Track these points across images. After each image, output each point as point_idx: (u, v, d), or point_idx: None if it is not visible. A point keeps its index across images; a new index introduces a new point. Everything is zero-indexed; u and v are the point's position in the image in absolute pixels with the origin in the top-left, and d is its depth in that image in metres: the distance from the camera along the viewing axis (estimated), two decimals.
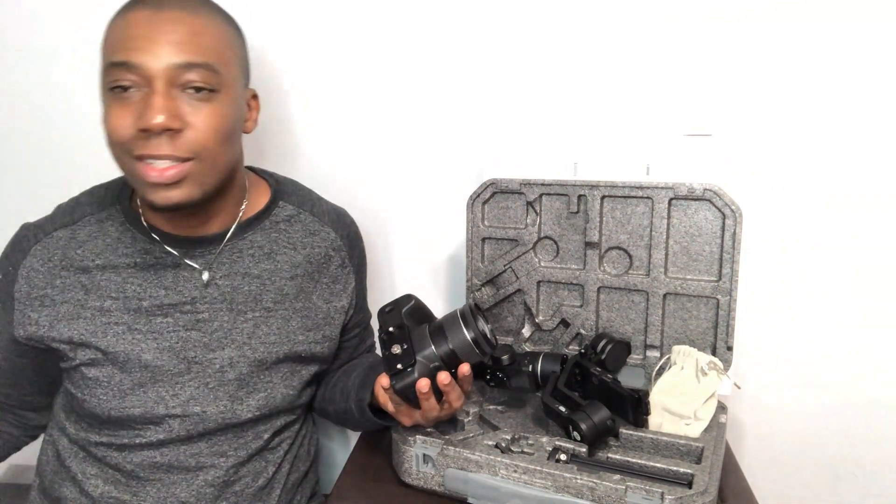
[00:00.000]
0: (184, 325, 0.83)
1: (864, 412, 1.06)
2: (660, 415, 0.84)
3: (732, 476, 0.86)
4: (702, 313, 0.91)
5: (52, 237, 0.84)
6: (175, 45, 0.74)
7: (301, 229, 0.92)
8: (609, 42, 1.02)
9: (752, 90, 0.99)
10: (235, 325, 0.86)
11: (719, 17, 0.97)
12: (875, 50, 0.94)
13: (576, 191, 0.94)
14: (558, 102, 1.06)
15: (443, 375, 0.75)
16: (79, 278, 0.83)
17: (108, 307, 0.82)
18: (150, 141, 0.74)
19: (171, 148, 0.74)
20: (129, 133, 0.74)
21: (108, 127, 0.75)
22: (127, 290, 0.83)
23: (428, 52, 1.08)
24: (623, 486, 0.70)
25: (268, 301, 0.88)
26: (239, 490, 0.88)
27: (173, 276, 0.84)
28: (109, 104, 0.75)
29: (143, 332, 0.82)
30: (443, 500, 0.80)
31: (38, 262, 0.83)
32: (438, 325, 0.78)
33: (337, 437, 1.29)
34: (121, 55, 0.73)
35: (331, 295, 0.94)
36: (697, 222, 0.90)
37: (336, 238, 0.95)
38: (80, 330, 0.82)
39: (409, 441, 0.81)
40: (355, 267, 0.98)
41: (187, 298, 0.84)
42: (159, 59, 0.73)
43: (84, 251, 0.84)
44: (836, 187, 1.00)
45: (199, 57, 0.75)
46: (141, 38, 0.73)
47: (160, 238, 0.84)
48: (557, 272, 0.98)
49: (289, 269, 0.90)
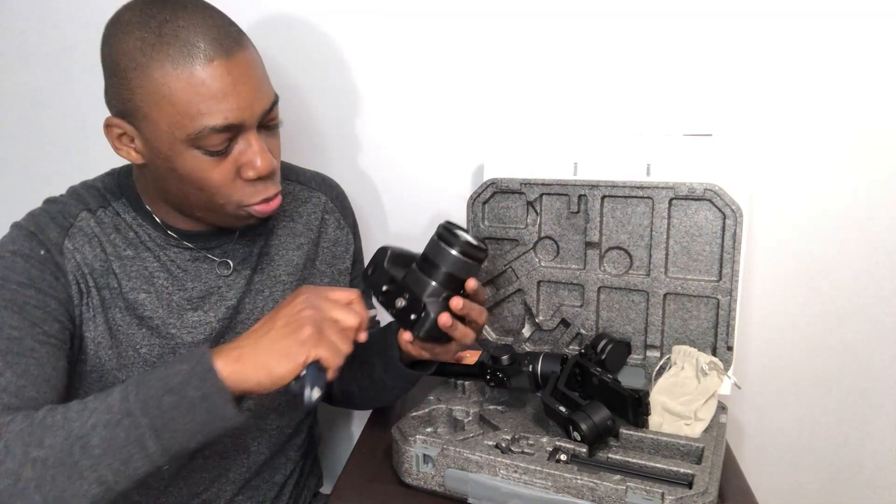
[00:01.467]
0: (214, 315, 0.83)
1: (864, 412, 1.06)
2: (660, 415, 0.84)
3: (732, 476, 0.86)
4: (702, 313, 0.91)
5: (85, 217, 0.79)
6: (257, 91, 0.73)
7: (292, 200, 0.93)
8: (609, 42, 1.02)
9: (752, 90, 0.99)
10: (256, 306, 0.87)
11: (719, 16, 0.97)
12: (875, 49, 0.94)
13: (576, 191, 0.94)
14: (558, 102, 1.06)
15: (455, 301, 0.75)
16: (112, 265, 0.79)
17: (142, 300, 0.80)
18: (258, 186, 0.75)
19: (274, 184, 0.77)
20: (233, 185, 0.74)
21: (211, 184, 0.73)
22: (156, 284, 0.81)
23: (428, 52, 1.08)
24: (623, 486, 0.70)
25: (282, 275, 0.89)
26: (256, 485, 0.90)
27: (194, 269, 0.83)
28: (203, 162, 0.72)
29: (177, 328, 0.81)
30: (443, 500, 0.80)
31: (82, 239, 0.77)
32: (424, 259, 0.77)
33: (337, 436, 1.29)
34: (217, 119, 0.69)
35: (333, 258, 0.96)
36: (698, 222, 0.90)
37: (327, 200, 0.96)
38: (118, 321, 0.78)
39: (409, 441, 0.81)
40: (351, 227, 0.99)
41: (213, 288, 0.83)
42: (253, 110, 0.72)
43: (115, 238, 0.80)
44: (836, 187, 1.00)
45: (271, 93, 0.76)
46: (231, 96, 0.70)
47: (177, 234, 0.82)
48: (557, 272, 0.98)
49: (292, 240, 0.91)
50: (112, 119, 0.73)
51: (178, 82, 0.68)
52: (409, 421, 0.86)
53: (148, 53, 0.68)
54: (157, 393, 0.62)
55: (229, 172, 0.73)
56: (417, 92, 1.10)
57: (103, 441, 0.60)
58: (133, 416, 0.60)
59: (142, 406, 0.61)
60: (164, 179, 0.75)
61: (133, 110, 0.71)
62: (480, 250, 0.77)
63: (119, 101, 0.72)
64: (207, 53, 0.68)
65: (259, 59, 0.75)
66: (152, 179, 0.78)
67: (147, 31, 0.68)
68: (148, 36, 0.68)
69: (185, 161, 0.72)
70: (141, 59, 0.68)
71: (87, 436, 0.59)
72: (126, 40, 0.69)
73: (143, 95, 0.69)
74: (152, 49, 0.68)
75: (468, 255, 0.75)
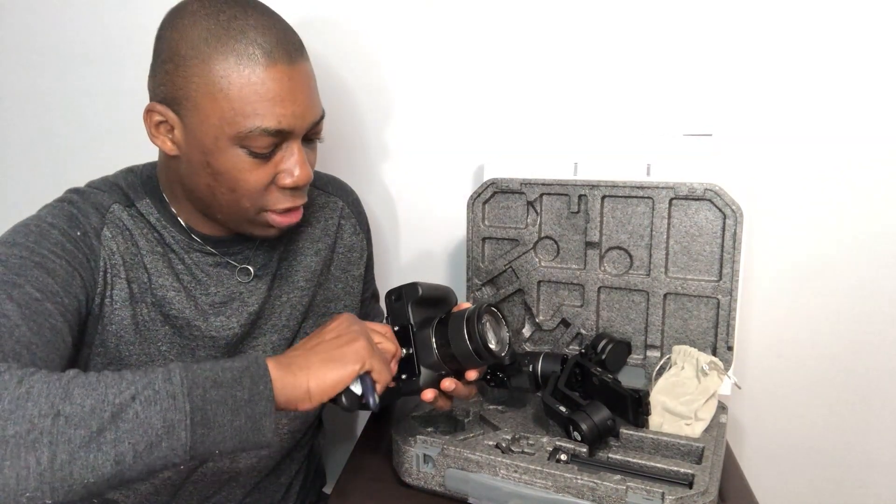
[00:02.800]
0: (237, 321, 0.83)
1: (864, 412, 1.06)
2: (660, 415, 0.84)
3: (732, 476, 0.86)
4: (702, 313, 0.91)
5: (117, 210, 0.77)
6: (311, 102, 0.73)
7: (311, 204, 0.92)
8: (609, 42, 1.02)
9: (752, 90, 0.99)
10: (275, 311, 0.86)
11: (719, 16, 0.97)
12: (875, 49, 0.94)
13: (576, 191, 0.94)
14: (558, 102, 1.06)
15: (447, 383, 0.76)
16: (143, 259, 0.78)
17: (170, 297, 0.79)
18: (288, 195, 0.75)
19: (303, 197, 0.78)
20: (265, 190, 0.74)
21: (245, 186, 0.73)
22: (184, 284, 0.80)
23: (428, 53, 1.08)
24: (624, 486, 0.70)
25: (300, 280, 0.89)
26: (263, 486, 0.90)
27: (216, 274, 0.82)
28: (244, 162, 0.72)
29: (201, 330, 0.80)
30: (443, 500, 0.80)
31: (116, 229, 0.76)
32: (443, 329, 0.76)
33: (337, 436, 1.29)
34: (270, 121, 0.70)
35: (348, 264, 0.95)
36: (698, 222, 0.90)
37: (344, 206, 0.95)
38: (145, 316, 0.78)
39: (409, 441, 0.81)
40: (365, 233, 0.98)
41: (235, 294, 0.83)
42: (305, 119, 0.72)
43: (144, 234, 0.79)
44: (836, 187, 1.00)
45: (321, 107, 0.76)
46: (287, 101, 0.70)
47: (200, 238, 0.82)
48: (558, 272, 0.98)
49: (311, 245, 0.90)
50: (156, 105, 0.73)
51: (239, 78, 0.68)
52: (410, 421, 0.86)
53: (213, 45, 0.68)
54: (205, 383, 0.57)
55: (266, 177, 0.73)
56: (417, 92, 1.10)
57: (136, 416, 0.54)
58: (175, 398, 0.55)
59: (187, 391, 0.56)
60: (194, 175, 0.74)
61: (183, 99, 0.70)
62: (491, 355, 0.76)
63: (169, 88, 0.71)
64: (273, 56, 0.69)
65: (314, 73, 0.75)
66: (182, 173, 0.76)
67: (215, 24, 0.69)
68: (216, 28, 0.68)
69: (227, 158, 0.71)
70: (205, 50, 0.68)
71: (122, 405, 0.54)
72: (192, 29, 0.69)
73: (198, 85, 0.69)
74: (218, 41, 0.68)
75: (479, 354, 0.75)
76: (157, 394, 0.55)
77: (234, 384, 0.58)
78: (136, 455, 0.54)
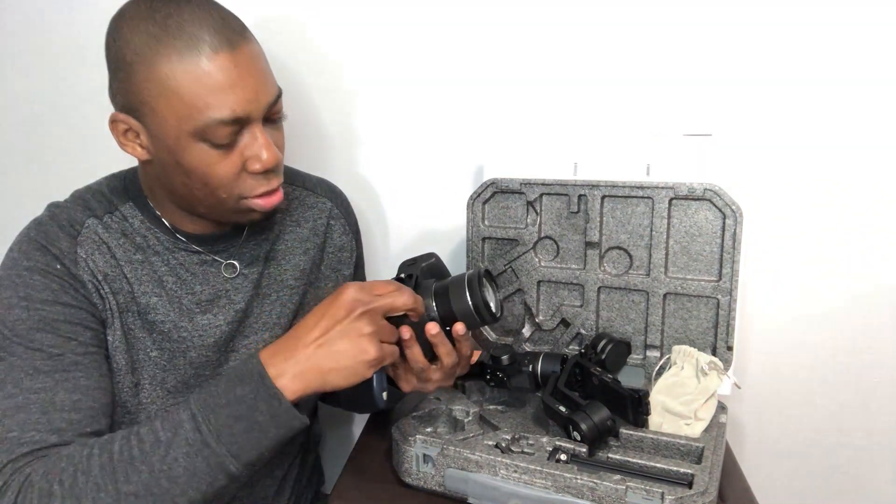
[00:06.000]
0: (224, 318, 0.83)
1: (864, 412, 1.06)
2: (660, 415, 0.84)
3: (732, 476, 0.86)
4: (702, 313, 0.91)
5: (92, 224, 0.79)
6: (263, 84, 0.73)
7: (299, 205, 0.93)
8: (609, 42, 1.02)
9: (752, 90, 0.99)
10: (264, 309, 0.87)
11: (719, 17, 0.97)
12: (875, 49, 0.94)
13: (576, 190, 0.94)
14: (558, 103, 1.06)
15: (430, 325, 0.75)
16: (123, 270, 0.79)
17: (153, 304, 0.80)
18: (260, 179, 0.75)
19: (277, 177, 0.77)
20: (238, 178, 0.74)
21: (216, 178, 0.73)
22: (166, 287, 0.81)
23: (428, 53, 1.08)
24: (623, 486, 0.70)
25: (289, 279, 0.89)
26: (256, 480, 0.90)
27: (202, 272, 0.83)
28: (210, 156, 0.72)
29: (188, 331, 0.81)
30: (443, 500, 0.80)
31: (91, 246, 0.78)
32: (444, 285, 0.78)
33: (337, 435, 1.29)
34: (224, 111, 0.69)
35: (338, 263, 0.96)
36: (697, 222, 0.90)
37: (333, 206, 0.96)
38: (131, 325, 0.79)
39: (409, 441, 0.81)
40: (355, 234, 0.99)
41: (221, 291, 0.84)
42: (259, 102, 0.72)
43: (124, 242, 0.80)
44: (836, 187, 1.00)
45: (276, 86, 0.76)
46: (237, 88, 0.70)
47: (185, 237, 0.82)
48: (557, 272, 0.98)
49: (299, 245, 0.91)
50: (117, 115, 0.73)
51: (184, 75, 0.68)
52: (409, 421, 0.86)
53: (154, 47, 0.68)
54: (228, 421, 0.64)
55: (235, 166, 0.73)
56: (418, 92, 1.10)
57: (186, 471, 0.63)
58: (210, 447, 0.64)
59: (216, 437, 0.64)
60: (169, 175, 0.75)
61: (139, 105, 0.71)
62: (491, 316, 0.78)
63: (125, 96, 0.72)
64: (213, 45, 0.69)
65: (262, 52, 0.75)
66: (157, 176, 0.77)
67: (153, 25, 0.68)
68: (154, 29, 0.68)
69: (192, 155, 0.72)
70: (147, 53, 0.68)
71: (170, 468, 0.63)
72: (131, 35, 0.69)
73: (149, 89, 0.69)
74: (158, 42, 0.68)
75: (478, 310, 0.77)
76: (193, 447, 0.64)
77: (252, 412, 0.65)
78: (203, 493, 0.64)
